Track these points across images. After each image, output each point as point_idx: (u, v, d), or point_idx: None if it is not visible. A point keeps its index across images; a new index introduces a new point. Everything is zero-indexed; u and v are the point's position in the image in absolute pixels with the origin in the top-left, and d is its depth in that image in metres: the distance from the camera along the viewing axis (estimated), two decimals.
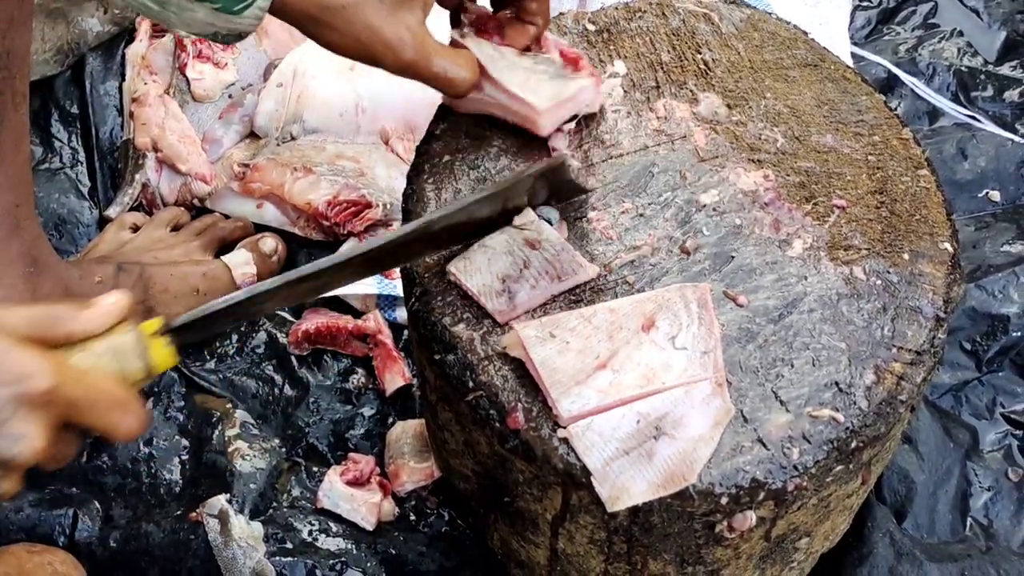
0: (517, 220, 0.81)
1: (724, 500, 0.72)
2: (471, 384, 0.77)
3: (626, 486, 0.71)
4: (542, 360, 0.74)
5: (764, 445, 0.73)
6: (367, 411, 1.19)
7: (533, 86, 0.85)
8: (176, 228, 1.29)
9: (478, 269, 0.80)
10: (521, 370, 0.77)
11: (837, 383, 0.77)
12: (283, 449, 1.15)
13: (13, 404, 0.61)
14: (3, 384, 0.60)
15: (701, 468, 0.72)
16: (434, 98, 0.92)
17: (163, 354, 0.70)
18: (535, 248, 0.80)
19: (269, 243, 1.27)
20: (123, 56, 1.43)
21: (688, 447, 0.72)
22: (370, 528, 1.08)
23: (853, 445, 0.74)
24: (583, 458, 0.72)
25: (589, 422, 0.73)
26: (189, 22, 0.78)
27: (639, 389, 0.73)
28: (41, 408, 0.62)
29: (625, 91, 0.94)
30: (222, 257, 1.24)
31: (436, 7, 0.89)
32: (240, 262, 1.23)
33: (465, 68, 0.84)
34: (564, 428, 0.73)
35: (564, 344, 0.75)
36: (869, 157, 0.90)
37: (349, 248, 0.82)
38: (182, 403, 1.16)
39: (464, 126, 0.92)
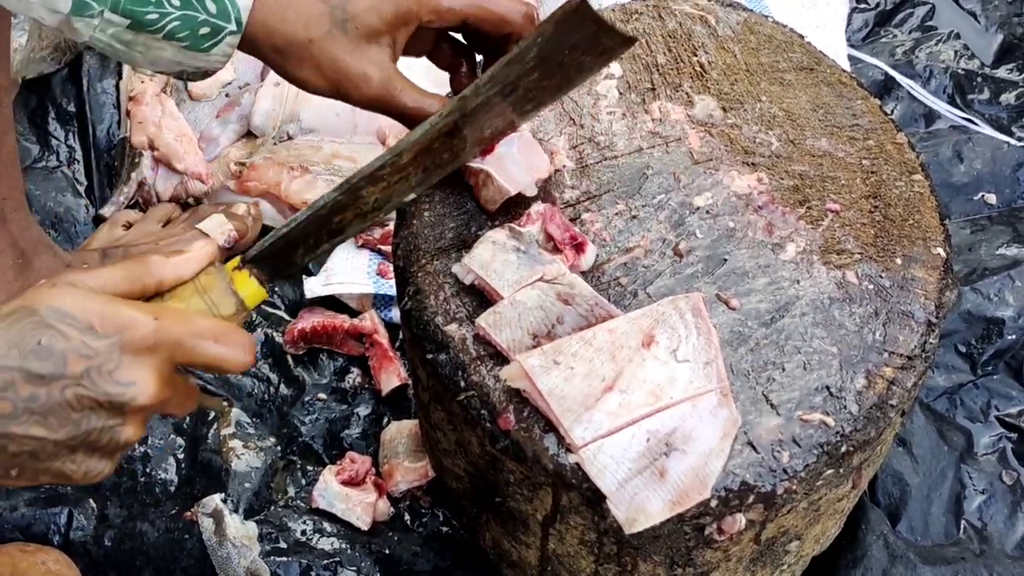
0: (548, 274, 0.79)
1: (714, 503, 0.72)
2: (463, 384, 0.77)
3: (642, 507, 0.70)
4: (549, 389, 0.72)
5: (754, 448, 0.74)
6: (363, 411, 1.19)
7: (498, 268, 0.80)
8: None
9: (508, 323, 0.78)
10: None
11: (828, 387, 0.77)
12: (278, 448, 1.15)
13: (119, 352, 0.63)
14: (107, 335, 0.63)
15: (714, 482, 0.71)
16: None
17: (249, 287, 0.74)
18: (568, 304, 0.77)
19: (241, 207, 1.27)
20: None
21: (699, 461, 0.71)
22: (365, 528, 1.08)
23: (843, 449, 0.75)
24: (596, 481, 0.71)
25: (600, 444, 0.71)
26: (155, 61, 0.78)
27: (648, 407, 0.72)
28: (147, 353, 0.64)
29: (620, 93, 0.94)
30: (196, 225, 1.23)
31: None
32: (214, 225, 1.22)
33: (436, 105, 0.82)
34: (575, 453, 0.72)
35: (569, 370, 0.73)
36: (863, 161, 0.90)
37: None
38: None
39: None
